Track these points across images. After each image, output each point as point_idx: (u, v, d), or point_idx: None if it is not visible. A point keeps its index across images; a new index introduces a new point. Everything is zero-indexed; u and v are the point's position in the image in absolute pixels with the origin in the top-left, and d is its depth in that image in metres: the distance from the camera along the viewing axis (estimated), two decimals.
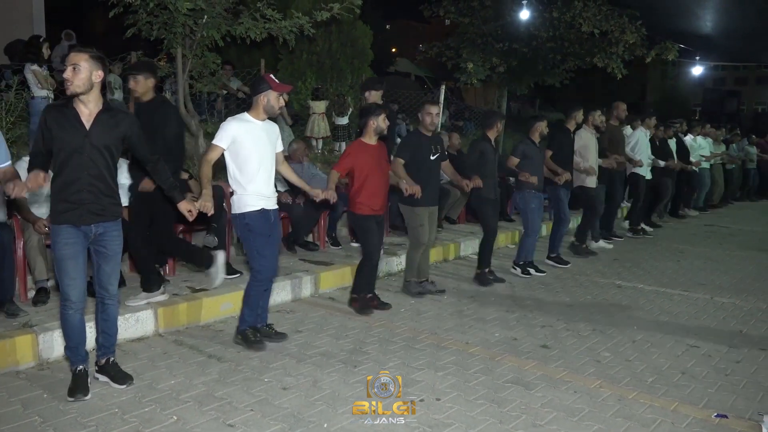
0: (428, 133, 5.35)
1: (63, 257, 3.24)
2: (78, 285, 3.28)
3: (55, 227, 3.24)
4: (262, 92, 3.94)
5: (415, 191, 4.95)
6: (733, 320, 5.09)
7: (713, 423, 3.23)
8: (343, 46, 10.67)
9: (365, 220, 4.93)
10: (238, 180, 3.97)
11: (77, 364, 3.38)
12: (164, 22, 6.50)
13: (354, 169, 4.85)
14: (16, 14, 10.16)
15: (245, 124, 3.96)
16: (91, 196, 3.26)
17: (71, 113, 3.20)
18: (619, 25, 11.87)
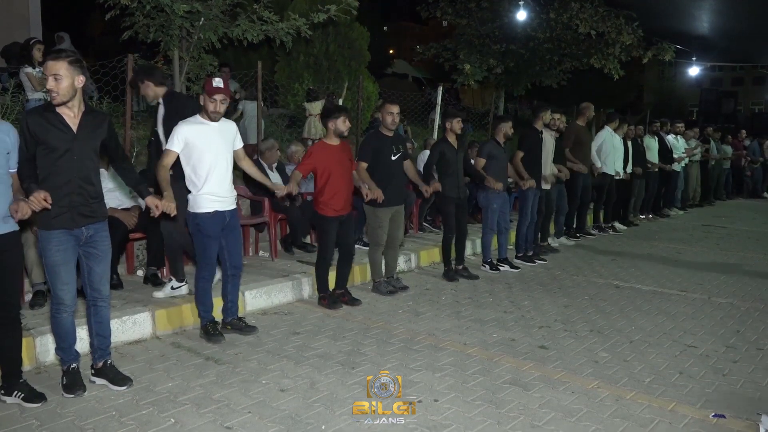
0: (389, 133, 5.38)
1: (56, 263, 3.25)
2: (71, 289, 3.32)
3: (46, 233, 3.23)
4: (201, 94, 4.08)
5: (377, 196, 5.00)
6: (731, 320, 5.10)
7: (711, 423, 3.23)
8: (341, 47, 10.65)
9: (326, 222, 5.00)
10: (193, 181, 4.08)
11: (70, 363, 3.41)
12: (161, 24, 6.50)
13: (316, 169, 4.91)
14: (12, 17, 10.14)
15: (197, 126, 4.04)
16: (81, 199, 3.28)
17: (55, 117, 3.20)
18: (615, 26, 11.90)
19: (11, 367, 3.27)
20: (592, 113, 8.24)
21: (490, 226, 6.55)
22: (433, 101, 10.51)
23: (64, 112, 3.22)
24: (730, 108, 26.04)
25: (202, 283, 4.25)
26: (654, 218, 10.76)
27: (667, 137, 10.78)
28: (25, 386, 3.25)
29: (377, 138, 5.40)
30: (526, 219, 6.95)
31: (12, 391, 3.23)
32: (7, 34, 9.17)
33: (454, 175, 5.97)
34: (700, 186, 12.58)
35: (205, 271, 4.22)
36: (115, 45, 8.43)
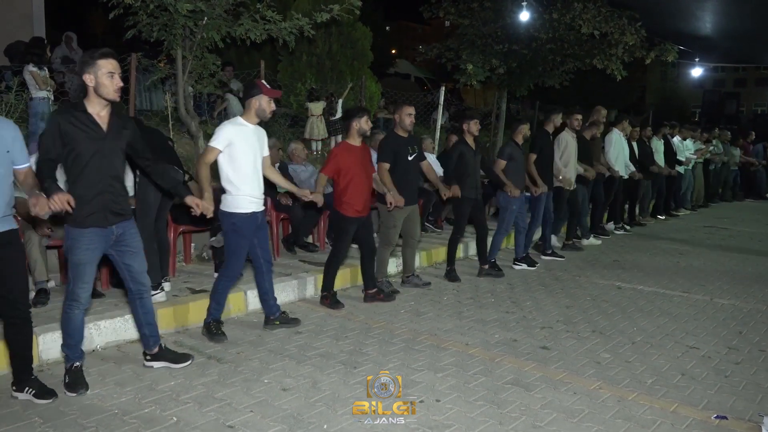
0: (404, 134, 5.44)
1: (82, 261, 3.30)
2: (90, 288, 3.41)
3: (78, 231, 3.27)
4: (254, 96, 4.11)
5: (399, 204, 5.15)
6: (733, 321, 5.09)
7: (713, 424, 3.23)
8: (343, 47, 10.66)
9: (347, 222, 5.03)
10: (232, 181, 4.11)
11: (74, 361, 3.43)
12: (164, 23, 6.51)
13: (340, 169, 4.94)
14: (16, 15, 10.15)
15: (239, 127, 4.12)
16: (111, 197, 3.34)
17: (86, 117, 3.24)
18: (618, 27, 11.87)
19: (23, 365, 3.29)
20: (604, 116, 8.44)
21: (505, 227, 6.59)
22: (435, 101, 10.50)
23: (95, 112, 3.27)
24: (733, 109, 26.02)
25: (225, 281, 4.28)
26: (666, 219, 10.81)
27: (672, 140, 10.86)
28: (35, 382, 3.28)
29: (394, 139, 5.44)
30: (537, 222, 7.06)
31: (23, 388, 3.25)
32: (11, 32, 9.18)
33: (471, 176, 6.05)
34: (703, 187, 12.62)
35: (231, 270, 4.25)
36: (118, 44, 8.44)
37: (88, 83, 3.21)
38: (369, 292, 5.31)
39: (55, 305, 4.28)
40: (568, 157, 7.30)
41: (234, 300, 4.88)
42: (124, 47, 8.18)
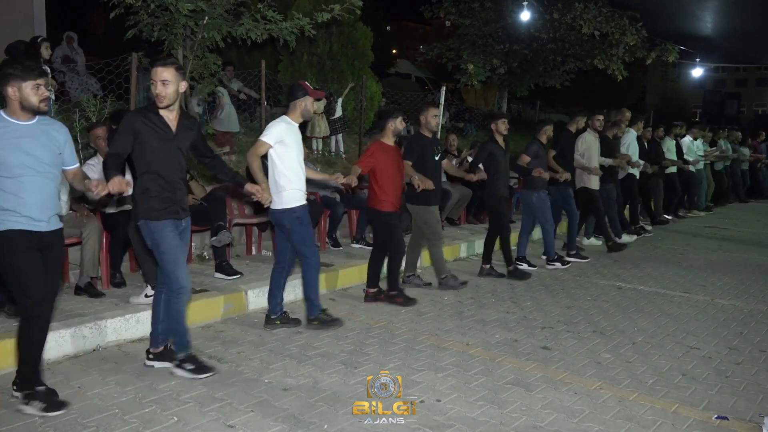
0: (429, 134, 5.58)
1: (174, 247, 3.52)
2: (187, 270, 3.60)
3: (159, 223, 3.49)
4: (299, 98, 4.32)
5: (428, 185, 5.22)
6: (734, 322, 5.09)
7: (714, 425, 3.22)
8: (344, 47, 10.65)
9: (390, 217, 5.18)
10: (286, 176, 4.31)
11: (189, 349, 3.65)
12: (165, 23, 6.51)
13: (376, 168, 5.08)
14: (17, 15, 10.15)
15: (289, 126, 4.35)
16: (180, 194, 3.60)
17: (158, 119, 3.47)
18: (619, 27, 11.88)
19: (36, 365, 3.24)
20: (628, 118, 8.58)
21: (550, 222, 6.82)
22: (436, 101, 10.50)
23: (165, 114, 3.49)
24: (733, 109, 25.97)
25: (312, 272, 4.46)
26: (677, 220, 10.82)
27: (683, 140, 10.91)
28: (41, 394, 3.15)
29: (420, 139, 5.56)
30: (573, 217, 7.34)
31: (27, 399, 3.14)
32: (12, 32, 9.18)
33: (503, 175, 6.24)
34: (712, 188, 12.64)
35: (313, 258, 4.44)
36: (119, 43, 8.45)
37: (152, 90, 3.46)
38: (390, 292, 5.32)
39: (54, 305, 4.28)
40: (590, 156, 7.49)
41: (234, 299, 4.88)
42: (125, 47, 8.19)
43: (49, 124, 3.22)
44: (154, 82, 3.42)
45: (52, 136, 3.18)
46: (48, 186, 3.16)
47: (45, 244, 3.16)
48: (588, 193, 7.56)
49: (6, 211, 3.04)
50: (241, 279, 5.25)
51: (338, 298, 5.47)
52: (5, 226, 3.04)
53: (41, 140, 3.12)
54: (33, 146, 3.08)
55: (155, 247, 3.54)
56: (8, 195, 3.04)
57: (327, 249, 6.66)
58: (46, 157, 3.13)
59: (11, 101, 3.06)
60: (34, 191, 3.09)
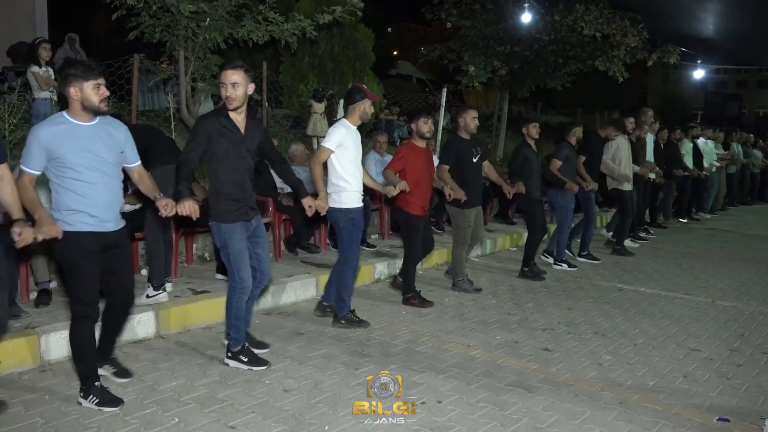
0: (467, 136, 5.61)
1: (241, 249, 3.67)
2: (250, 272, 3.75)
3: (230, 225, 3.63)
4: (358, 101, 4.46)
5: (460, 196, 5.27)
6: (735, 324, 5.08)
7: (715, 427, 3.22)
8: (345, 48, 10.64)
9: (416, 220, 5.22)
10: (345, 179, 4.44)
11: (243, 342, 3.79)
12: (167, 24, 6.51)
13: (406, 169, 5.10)
14: (19, 16, 10.18)
15: (348, 129, 4.47)
16: (249, 194, 3.74)
17: (228, 121, 3.59)
18: (620, 29, 11.86)
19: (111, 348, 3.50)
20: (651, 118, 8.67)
21: (568, 224, 6.92)
22: (437, 103, 10.51)
23: (234, 116, 3.60)
24: (735, 111, 26.00)
25: (349, 272, 4.57)
26: (687, 223, 10.85)
27: (698, 141, 10.95)
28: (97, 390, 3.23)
29: (458, 142, 5.60)
30: (591, 220, 7.38)
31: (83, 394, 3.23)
32: (14, 33, 9.21)
33: (537, 178, 6.33)
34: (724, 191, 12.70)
35: (353, 260, 4.56)
36: (121, 45, 8.45)
37: (222, 93, 3.58)
38: (405, 296, 5.37)
39: (55, 306, 4.30)
40: (620, 159, 7.59)
41: None
42: (127, 48, 8.19)
43: (109, 124, 3.24)
44: (224, 84, 3.51)
45: (114, 135, 3.22)
46: (114, 185, 3.21)
47: (111, 243, 3.21)
48: (619, 194, 7.71)
49: (75, 212, 3.07)
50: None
51: None
52: (75, 228, 3.07)
53: (104, 140, 3.15)
54: (97, 146, 3.11)
55: (223, 248, 3.69)
56: (77, 196, 3.06)
57: (328, 250, 6.66)
58: (110, 157, 3.17)
59: (73, 102, 3.07)
60: (102, 191, 3.12)
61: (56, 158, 3.01)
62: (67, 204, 3.06)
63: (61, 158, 3.00)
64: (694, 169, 10.35)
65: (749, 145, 13.74)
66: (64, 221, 3.04)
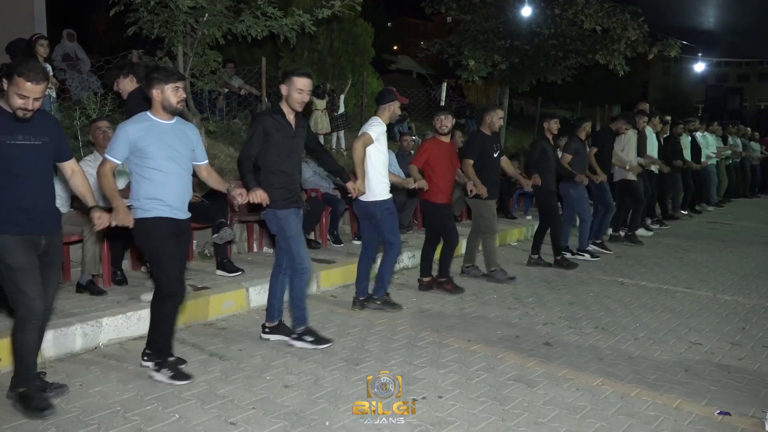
0: (490, 132, 5.89)
1: (298, 233, 4.04)
2: None
3: (285, 212, 3.97)
4: (389, 102, 4.75)
5: (482, 193, 5.55)
6: (736, 317, 5.08)
7: (716, 420, 3.22)
8: (345, 43, 10.63)
9: (445, 208, 5.48)
10: (378, 170, 4.70)
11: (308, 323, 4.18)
12: (165, 20, 6.49)
13: (429, 162, 5.36)
14: (18, 13, 10.13)
15: (382, 126, 4.74)
16: (299, 184, 4.13)
17: (282, 119, 3.95)
18: (621, 22, 11.83)
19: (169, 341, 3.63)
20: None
21: (587, 216, 7.16)
22: (437, 98, 10.49)
23: (288, 114, 3.97)
24: (736, 104, 25.93)
25: (393, 258, 4.89)
26: (693, 215, 10.90)
27: (695, 135, 10.99)
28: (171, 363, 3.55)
29: (482, 137, 5.87)
30: (609, 209, 7.60)
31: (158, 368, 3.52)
32: (12, 30, 9.16)
33: (553, 171, 6.59)
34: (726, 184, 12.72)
35: (397, 247, 4.87)
36: (119, 41, 8.42)
37: (283, 92, 3.95)
38: (440, 278, 5.62)
39: (56, 304, 4.28)
40: (629, 151, 7.83)
41: (236, 297, 4.88)
42: (125, 44, 8.17)
43: (184, 124, 3.58)
44: (303, 91, 3.91)
45: (187, 135, 3.55)
46: (187, 178, 3.54)
47: (180, 230, 3.52)
48: (627, 184, 7.91)
49: (154, 200, 3.38)
50: (242, 276, 5.25)
51: (339, 294, 5.47)
52: (154, 213, 3.39)
53: (180, 137, 3.49)
54: (175, 142, 3.44)
55: (281, 233, 4.02)
56: (156, 185, 3.38)
57: (328, 246, 6.65)
58: (184, 152, 3.50)
59: (155, 102, 3.40)
60: (177, 182, 3.45)
61: (139, 150, 3.34)
62: (147, 192, 3.38)
63: (144, 151, 3.34)
64: (690, 162, 10.38)
65: (747, 138, 13.73)
66: (143, 208, 3.38)
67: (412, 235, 7.34)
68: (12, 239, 3.00)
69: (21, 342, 3.08)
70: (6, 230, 2.99)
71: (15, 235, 3.00)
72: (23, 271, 3.01)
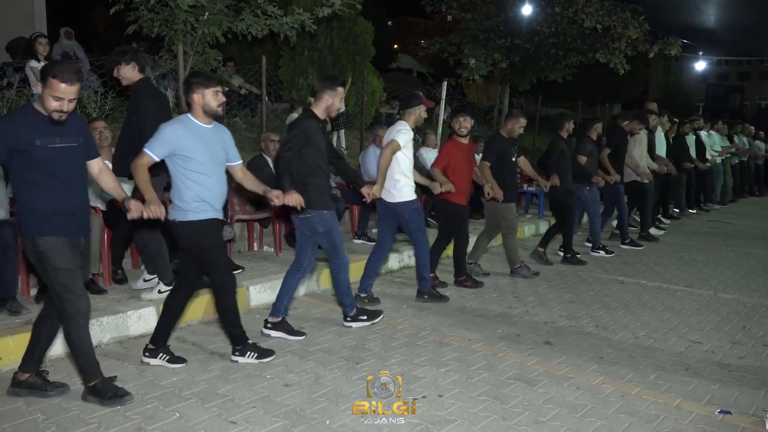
0: (508, 136, 6.03)
1: (338, 232, 4.31)
2: None
3: (331, 212, 4.25)
4: (415, 106, 4.93)
5: (498, 196, 5.68)
6: (737, 316, 5.07)
7: (716, 419, 3.22)
8: (345, 42, 10.61)
9: (463, 209, 5.61)
10: (406, 174, 4.89)
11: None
12: (165, 19, 6.49)
13: (449, 164, 5.47)
14: (18, 12, 10.14)
15: (409, 133, 4.93)
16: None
17: (322, 126, 4.23)
18: (621, 21, 11.83)
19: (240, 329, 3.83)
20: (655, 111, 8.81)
21: (598, 215, 7.35)
22: (437, 96, 10.48)
23: (321, 119, 4.23)
24: (737, 103, 25.89)
25: (425, 254, 5.11)
26: (696, 213, 10.91)
27: (700, 134, 11.01)
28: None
29: (501, 141, 6.01)
30: (623, 210, 7.72)
31: (157, 354, 3.69)
32: (12, 29, 9.18)
33: (570, 171, 6.73)
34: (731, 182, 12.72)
35: (428, 243, 5.12)
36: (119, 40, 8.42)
37: (326, 102, 4.18)
38: (459, 278, 5.77)
39: None
40: (641, 153, 7.88)
41: (237, 294, 4.86)
42: (125, 43, 8.16)
43: (219, 128, 3.70)
44: (342, 99, 4.24)
45: (223, 138, 3.68)
46: (224, 180, 3.67)
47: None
48: (640, 187, 7.96)
49: (202, 202, 3.52)
50: (242, 275, 5.25)
51: None
52: (204, 215, 3.53)
53: (218, 140, 3.62)
54: (215, 146, 3.57)
55: (329, 232, 4.25)
56: (202, 188, 3.50)
57: None
58: (222, 155, 3.64)
59: (196, 106, 3.51)
60: (218, 185, 3.60)
61: (181, 153, 3.44)
62: (197, 194, 3.49)
63: (187, 154, 3.45)
64: (696, 160, 10.42)
65: (752, 137, 13.74)
66: (193, 210, 3.50)
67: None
68: (58, 240, 3.06)
69: (78, 338, 3.17)
70: (51, 232, 3.05)
71: (60, 236, 3.07)
72: (69, 271, 3.09)
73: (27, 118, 3.00)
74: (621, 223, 7.81)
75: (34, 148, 2.95)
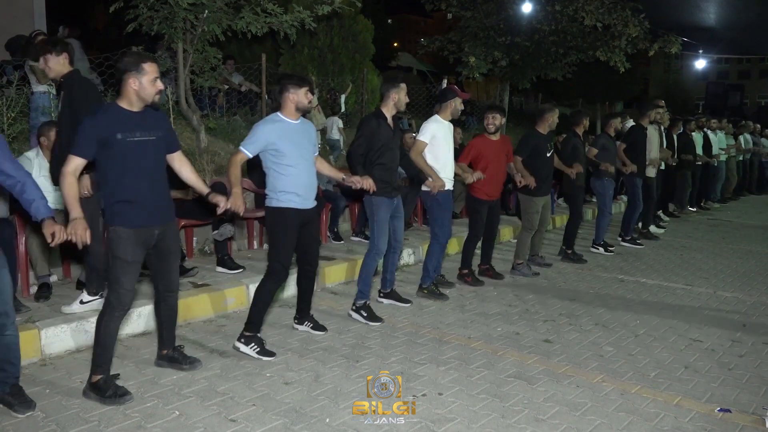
0: (545, 131, 6.12)
1: (384, 220, 4.58)
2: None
3: (378, 198, 4.50)
4: (450, 99, 5.05)
5: (530, 183, 5.78)
6: (737, 314, 5.08)
7: (716, 417, 3.22)
8: (345, 40, 10.60)
9: (479, 203, 5.67)
10: (436, 169, 4.97)
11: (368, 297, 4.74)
12: (165, 16, 6.48)
13: (475, 158, 5.59)
14: (17, 10, 10.12)
15: (440, 123, 5.07)
16: (396, 177, 4.64)
17: (385, 122, 4.54)
18: (621, 19, 11.80)
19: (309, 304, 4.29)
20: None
21: (609, 210, 7.33)
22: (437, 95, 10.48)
23: (387, 117, 4.55)
24: (737, 101, 25.85)
25: (440, 250, 5.24)
26: (697, 212, 10.95)
27: (707, 132, 11.03)
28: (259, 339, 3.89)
29: (536, 137, 6.11)
30: (635, 206, 7.77)
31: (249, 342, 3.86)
32: (12, 27, 9.15)
33: (582, 167, 6.73)
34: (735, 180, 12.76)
35: (444, 239, 5.22)
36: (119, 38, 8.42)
37: (393, 99, 4.54)
38: (482, 266, 5.99)
39: (56, 300, 4.29)
40: (651, 148, 7.94)
41: (236, 294, 4.87)
42: (125, 41, 8.15)
43: (306, 123, 3.99)
44: (405, 92, 4.55)
45: (309, 132, 3.99)
46: (313, 170, 3.98)
47: (307, 219, 3.94)
48: (645, 182, 7.89)
49: (287, 192, 3.81)
50: (242, 273, 5.25)
51: (339, 291, 5.46)
52: (286, 204, 3.82)
53: (305, 134, 3.93)
54: (302, 140, 3.88)
55: (371, 216, 4.58)
56: (289, 179, 3.80)
57: (328, 242, 6.64)
58: (310, 148, 3.95)
59: (288, 104, 3.83)
60: (307, 176, 3.88)
61: (274, 148, 3.76)
62: (283, 185, 3.80)
63: (279, 148, 3.76)
64: (702, 156, 10.44)
65: (757, 135, 13.75)
66: (278, 199, 3.82)
67: (412, 232, 7.33)
68: (125, 231, 3.18)
69: (106, 327, 3.24)
70: (121, 222, 3.18)
71: (129, 228, 3.19)
72: (126, 263, 3.20)
73: (110, 113, 3.17)
74: (628, 217, 7.83)
75: (115, 141, 3.10)
